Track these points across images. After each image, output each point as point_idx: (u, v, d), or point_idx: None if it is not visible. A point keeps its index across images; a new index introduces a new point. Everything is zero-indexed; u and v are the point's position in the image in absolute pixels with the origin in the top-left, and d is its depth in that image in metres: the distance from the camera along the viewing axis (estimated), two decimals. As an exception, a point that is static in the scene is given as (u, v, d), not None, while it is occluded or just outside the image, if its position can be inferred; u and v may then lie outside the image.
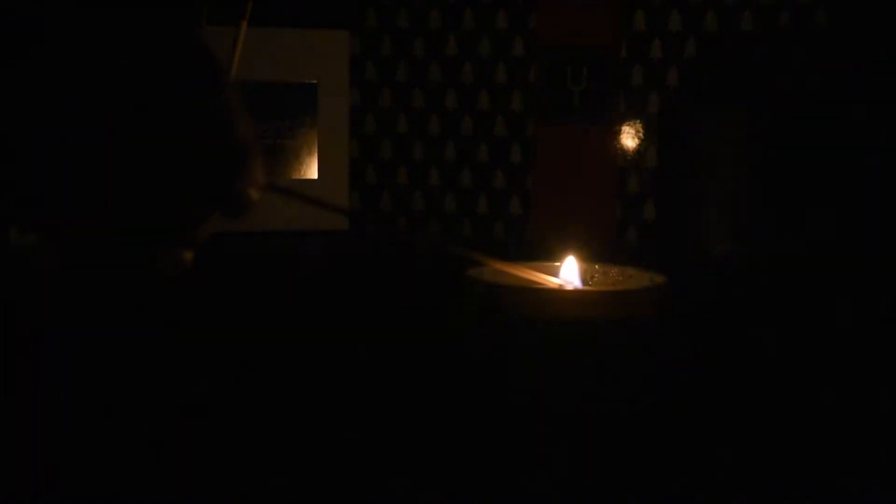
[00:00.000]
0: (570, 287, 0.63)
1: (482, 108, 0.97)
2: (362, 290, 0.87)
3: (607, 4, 0.93)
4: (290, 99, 0.85)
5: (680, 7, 0.92)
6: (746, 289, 0.75)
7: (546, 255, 0.69)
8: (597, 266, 0.65)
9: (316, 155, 0.87)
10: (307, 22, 0.91)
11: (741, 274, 0.75)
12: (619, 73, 0.93)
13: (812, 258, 0.77)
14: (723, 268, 0.75)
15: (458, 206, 0.98)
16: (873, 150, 0.86)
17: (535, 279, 0.62)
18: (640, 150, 0.93)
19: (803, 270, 0.77)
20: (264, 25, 0.80)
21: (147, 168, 0.40)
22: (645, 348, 0.60)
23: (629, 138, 0.94)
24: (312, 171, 0.87)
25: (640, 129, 0.93)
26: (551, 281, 0.62)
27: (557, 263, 0.66)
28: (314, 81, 0.86)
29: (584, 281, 0.64)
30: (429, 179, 0.98)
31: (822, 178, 0.78)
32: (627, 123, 0.93)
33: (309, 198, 0.50)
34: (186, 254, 0.44)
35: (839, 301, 0.67)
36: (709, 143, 0.75)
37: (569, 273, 0.63)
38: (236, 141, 0.41)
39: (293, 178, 0.86)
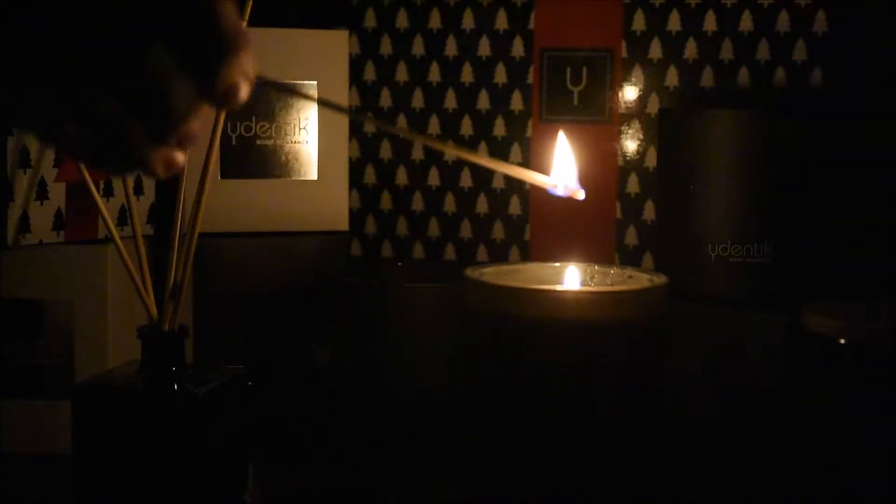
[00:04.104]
0: (566, 191, 0.59)
1: (482, 108, 0.97)
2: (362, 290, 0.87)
3: (607, 4, 0.93)
4: (289, 98, 0.85)
5: (680, 7, 0.92)
6: (746, 289, 0.75)
7: (546, 255, 0.69)
8: (596, 266, 0.65)
9: (315, 155, 0.87)
10: (306, 22, 0.91)
11: (742, 274, 0.75)
12: (619, 73, 0.93)
13: (811, 258, 0.77)
14: (722, 268, 0.75)
15: (458, 206, 0.98)
16: (873, 151, 0.86)
17: (526, 177, 0.60)
18: (640, 150, 0.93)
19: (803, 271, 0.76)
20: (264, 25, 0.80)
21: (126, 50, 0.39)
22: (644, 348, 0.60)
23: (629, 138, 0.94)
24: (312, 172, 0.87)
25: (640, 129, 0.93)
26: (544, 181, 0.59)
27: (557, 264, 0.66)
28: (314, 81, 0.86)
29: (583, 281, 0.64)
30: (429, 179, 0.98)
31: (822, 178, 0.78)
32: (627, 123, 0.93)
33: (304, 93, 0.49)
34: (178, 154, 0.43)
35: (840, 300, 0.67)
36: (709, 143, 0.75)
37: (562, 173, 0.61)
38: (220, 26, 0.41)
39: (292, 178, 0.86)
